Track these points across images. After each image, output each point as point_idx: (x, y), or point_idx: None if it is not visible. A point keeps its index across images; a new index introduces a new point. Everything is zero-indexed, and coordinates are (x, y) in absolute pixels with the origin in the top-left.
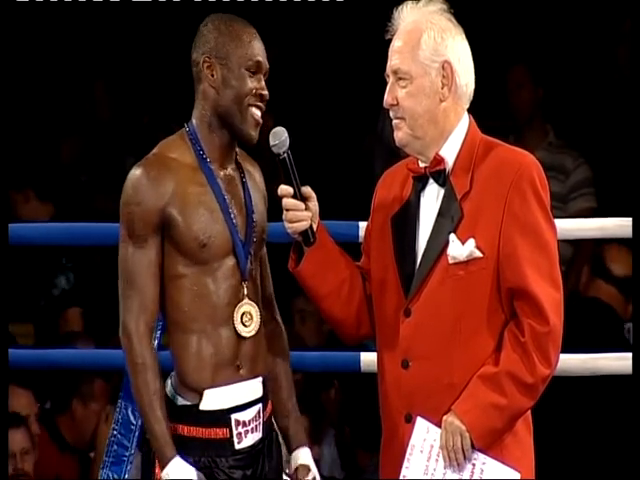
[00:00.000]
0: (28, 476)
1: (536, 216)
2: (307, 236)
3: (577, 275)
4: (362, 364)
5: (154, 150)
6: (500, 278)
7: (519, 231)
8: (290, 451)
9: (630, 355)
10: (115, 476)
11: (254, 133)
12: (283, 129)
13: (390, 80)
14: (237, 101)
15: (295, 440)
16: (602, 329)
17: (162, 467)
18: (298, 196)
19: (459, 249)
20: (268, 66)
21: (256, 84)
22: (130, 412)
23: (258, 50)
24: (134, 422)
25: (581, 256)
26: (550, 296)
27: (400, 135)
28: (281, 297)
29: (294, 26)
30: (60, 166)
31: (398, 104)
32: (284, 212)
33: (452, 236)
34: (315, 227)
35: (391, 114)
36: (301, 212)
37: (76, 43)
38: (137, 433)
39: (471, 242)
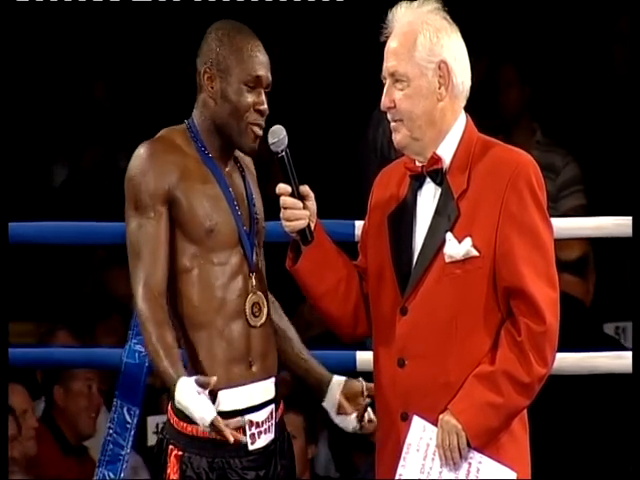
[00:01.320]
0: (15, 461)
1: (533, 216)
2: (305, 235)
3: None
4: (358, 363)
5: (159, 134)
6: (496, 277)
7: (516, 230)
8: (324, 387)
9: (626, 354)
10: (111, 475)
11: (253, 145)
12: (281, 127)
13: (387, 82)
14: (235, 116)
15: (325, 375)
16: (576, 326)
17: (172, 396)
18: (296, 194)
19: (455, 248)
20: (270, 79)
21: (255, 98)
22: (126, 411)
23: (259, 64)
24: (130, 421)
25: None
26: (546, 295)
27: (399, 138)
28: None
29: (294, 26)
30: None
31: (395, 106)
32: (282, 210)
33: (449, 235)
34: (313, 226)
35: (389, 116)
36: (299, 211)
37: (76, 43)
38: (133, 432)
39: (467, 241)
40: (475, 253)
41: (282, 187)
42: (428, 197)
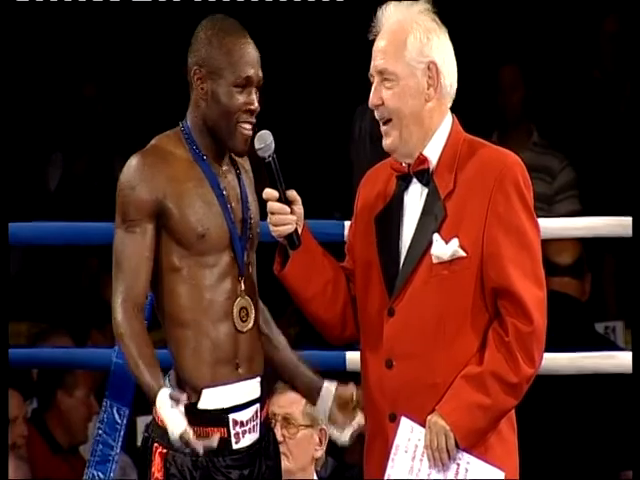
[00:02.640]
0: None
1: (519, 216)
2: (292, 240)
3: None
4: (347, 363)
5: (151, 143)
6: (484, 278)
7: (502, 231)
8: (314, 394)
9: (617, 354)
10: (101, 475)
11: (243, 147)
12: (268, 132)
13: (375, 80)
14: (225, 117)
15: (315, 380)
16: (571, 323)
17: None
18: (283, 199)
19: (442, 248)
20: (261, 76)
21: (245, 99)
22: (115, 411)
23: (249, 64)
24: (119, 421)
25: None
26: (534, 295)
27: (389, 141)
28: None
29: (294, 26)
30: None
31: (383, 104)
32: (269, 216)
33: (436, 236)
34: (300, 230)
35: (377, 115)
36: (286, 216)
37: (69, 44)
38: (122, 432)
39: (454, 242)
40: (462, 254)
41: (269, 192)
42: (415, 198)
